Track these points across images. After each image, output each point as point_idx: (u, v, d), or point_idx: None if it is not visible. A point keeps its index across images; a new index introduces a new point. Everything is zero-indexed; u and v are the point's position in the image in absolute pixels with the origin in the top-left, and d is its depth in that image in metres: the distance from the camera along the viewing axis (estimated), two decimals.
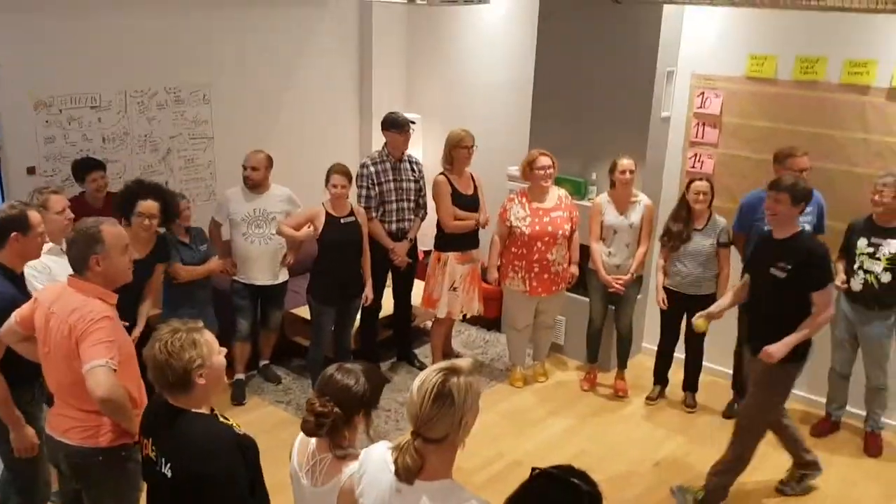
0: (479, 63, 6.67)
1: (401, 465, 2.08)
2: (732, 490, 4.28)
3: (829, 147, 5.04)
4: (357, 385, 2.41)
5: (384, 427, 4.95)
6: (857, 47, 4.88)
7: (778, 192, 3.90)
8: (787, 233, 3.95)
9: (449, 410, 2.05)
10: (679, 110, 5.67)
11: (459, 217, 5.37)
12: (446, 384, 2.05)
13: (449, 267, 5.43)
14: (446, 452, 2.11)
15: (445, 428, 2.06)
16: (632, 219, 5.26)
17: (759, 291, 4.10)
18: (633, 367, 5.80)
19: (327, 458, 2.41)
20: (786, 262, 3.88)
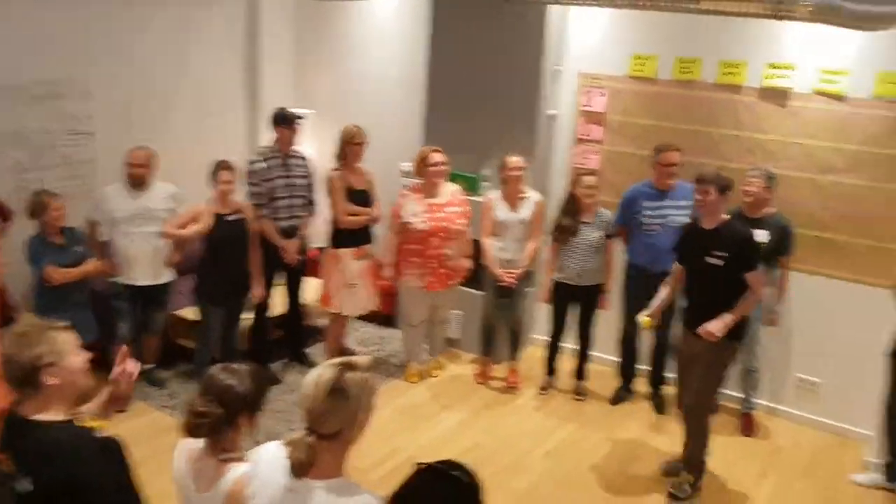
0: (371, 58, 6.63)
1: (293, 460, 2.04)
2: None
3: (706, 144, 5.29)
4: (240, 385, 2.35)
5: (276, 428, 4.83)
6: (729, 49, 5.15)
7: (706, 185, 4.14)
8: (716, 222, 4.19)
9: (343, 406, 2.03)
10: (566, 108, 5.82)
11: (352, 212, 5.33)
12: (341, 379, 2.03)
13: (344, 263, 5.39)
14: (340, 449, 2.09)
15: (339, 423, 2.04)
16: (522, 214, 5.36)
17: (696, 279, 4.31)
18: (525, 359, 5.92)
19: (211, 462, 2.35)
20: (721, 249, 4.12)
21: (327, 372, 2.05)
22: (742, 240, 4.17)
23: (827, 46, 4.82)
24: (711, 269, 4.16)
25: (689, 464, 4.48)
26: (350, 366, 2.08)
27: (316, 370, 2.09)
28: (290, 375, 5.64)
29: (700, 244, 4.24)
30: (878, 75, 4.70)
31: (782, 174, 4.98)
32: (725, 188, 4.16)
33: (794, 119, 5.01)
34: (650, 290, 5.21)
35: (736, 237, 4.16)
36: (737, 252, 4.12)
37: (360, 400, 2.05)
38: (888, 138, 4.73)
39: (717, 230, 4.19)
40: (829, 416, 5.15)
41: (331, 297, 5.47)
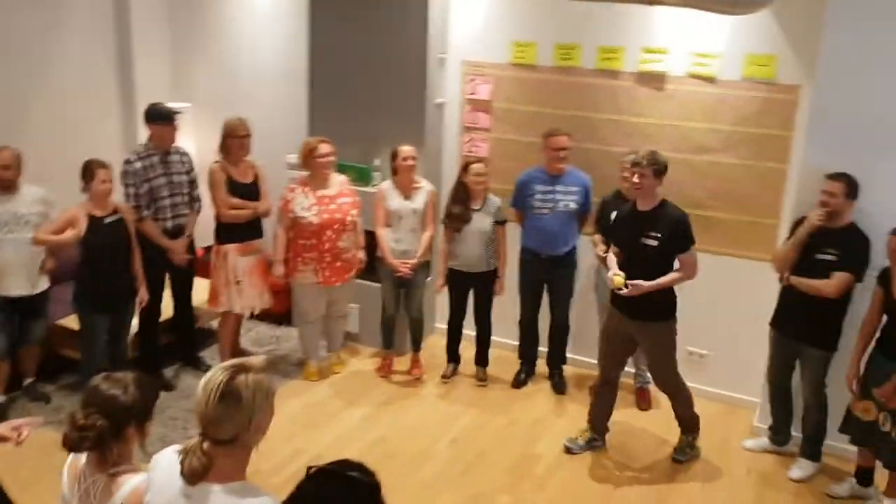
0: (251, 48, 6.44)
1: (186, 467, 1.97)
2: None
3: (588, 129, 5.42)
4: (125, 395, 2.25)
5: (171, 436, 4.66)
6: (607, 35, 5.28)
7: (642, 168, 4.22)
8: (652, 204, 4.31)
9: (236, 410, 1.96)
10: (452, 96, 5.84)
11: (236, 206, 5.18)
12: (233, 382, 1.96)
13: (230, 260, 5.23)
14: (238, 454, 2.02)
15: (234, 428, 1.97)
16: (416, 204, 5.35)
17: (631, 261, 4.38)
18: (427, 349, 5.92)
19: (100, 477, 2.23)
20: (656, 231, 4.24)
21: (218, 376, 1.98)
22: (676, 221, 4.29)
23: (698, 31, 5.03)
24: (646, 250, 4.30)
25: (685, 425, 4.73)
26: (243, 368, 2.01)
27: (207, 374, 2.01)
28: (183, 381, 5.44)
29: (636, 226, 4.35)
30: (747, 57, 4.94)
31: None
32: (662, 171, 4.28)
33: (670, 102, 5.20)
34: (543, 272, 5.36)
35: (671, 219, 4.28)
36: (671, 233, 4.26)
37: (255, 403, 1.98)
38: (758, 118, 4.99)
39: (654, 212, 4.32)
40: (718, 385, 5.41)
41: (218, 296, 5.31)
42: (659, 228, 4.27)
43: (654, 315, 4.41)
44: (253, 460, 2.08)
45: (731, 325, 5.29)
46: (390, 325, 5.68)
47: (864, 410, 4.19)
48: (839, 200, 4.27)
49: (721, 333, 5.35)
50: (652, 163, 4.24)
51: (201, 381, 2.00)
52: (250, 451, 2.05)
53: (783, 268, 4.50)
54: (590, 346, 5.65)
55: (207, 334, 6.02)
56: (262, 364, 2.06)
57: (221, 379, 1.96)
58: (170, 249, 5.16)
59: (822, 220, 4.30)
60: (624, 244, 4.48)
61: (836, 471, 4.67)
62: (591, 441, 4.82)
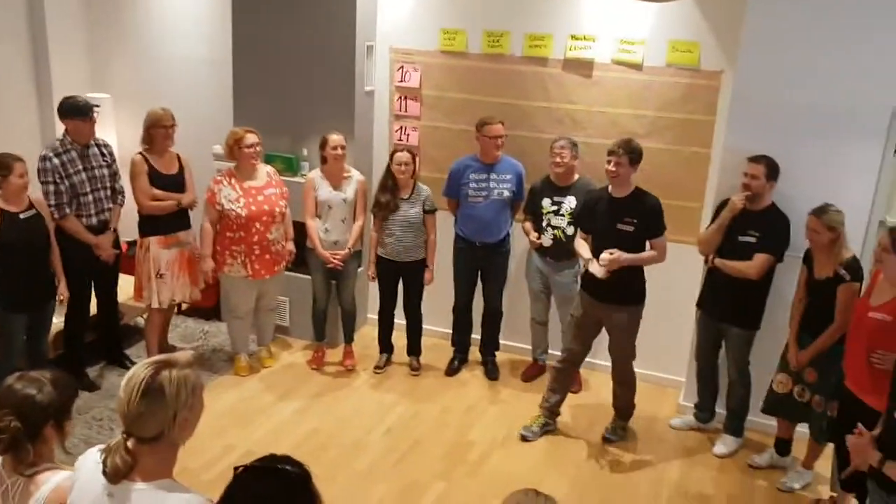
0: (173, 37, 6.26)
1: (110, 466, 1.91)
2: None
3: (518, 116, 5.44)
4: (41, 394, 2.18)
5: (97, 437, 4.53)
6: (535, 22, 5.31)
7: (618, 156, 4.29)
8: (626, 191, 4.41)
9: (160, 407, 1.91)
10: (382, 84, 5.79)
11: (157, 197, 5.04)
12: (156, 378, 1.91)
13: (153, 252, 5.09)
14: (163, 452, 1.97)
15: (158, 425, 1.92)
16: (346, 194, 5.29)
17: (604, 246, 4.43)
18: (360, 339, 5.89)
19: (19, 480, 2.15)
20: (631, 216, 4.36)
21: (141, 372, 1.93)
22: (651, 207, 4.41)
23: (624, 18, 5.09)
24: (621, 236, 4.39)
25: (623, 412, 4.89)
26: (167, 364, 1.96)
27: (130, 371, 1.96)
28: (108, 380, 5.28)
29: (611, 212, 4.42)
30: (670, 44, 5.03)
31: (589, 142, 5.24)
32: (637, 159, 4.36)
33: (598, 88, 5.26)
34: (478, 260, 5.38)
35: (646, 205, 4.40)
36: (646, 219, 4.37)
37: (179, 399, 1.93)
38: (682, 103, 5.09)
39: (627, 199, 4.41)
40: (646, 366, 5.49)
41: (141, 290, 5.17)
42: (634, 214, 4.37)
43: (625, 299, 4.51)
44: (182, 458, 2.04)
45: (656, 306, 5.36)
46: (322, 316, 5.61)
47: (780, 383, 4.36)
48: (761, 182, 4.39)
49: (647, 315, 5.42)
50: (628, 150, 4.33)
51: (124, 378, 1.95)
52: (177, 448, 2.01)
53: (708, 250, 4.61)
54: (522, 332, 5.72)
55: (134, 331, 5.86)
56: (188, 360, 2.01)
57: (144, 375, 1.92)
58: (96, 246, 4.99)
59: (743, 203, 4.42)
60: (596, 231, 4.55)
61: (757, 444, 4.83)
62: (544, 426, 4.88)
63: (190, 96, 6.15)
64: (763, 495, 4.44)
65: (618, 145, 4.37)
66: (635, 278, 4.51)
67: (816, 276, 4.20)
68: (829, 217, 4.07)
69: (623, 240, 4.39)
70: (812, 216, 4.13)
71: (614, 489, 4.44)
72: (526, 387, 5.51)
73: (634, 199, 4.43)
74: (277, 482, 1.80)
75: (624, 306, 4.53)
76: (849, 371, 3.92)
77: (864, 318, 3.74)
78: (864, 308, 3.78)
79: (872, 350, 3.67)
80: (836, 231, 4.07)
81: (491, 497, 4.23)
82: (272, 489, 1.79)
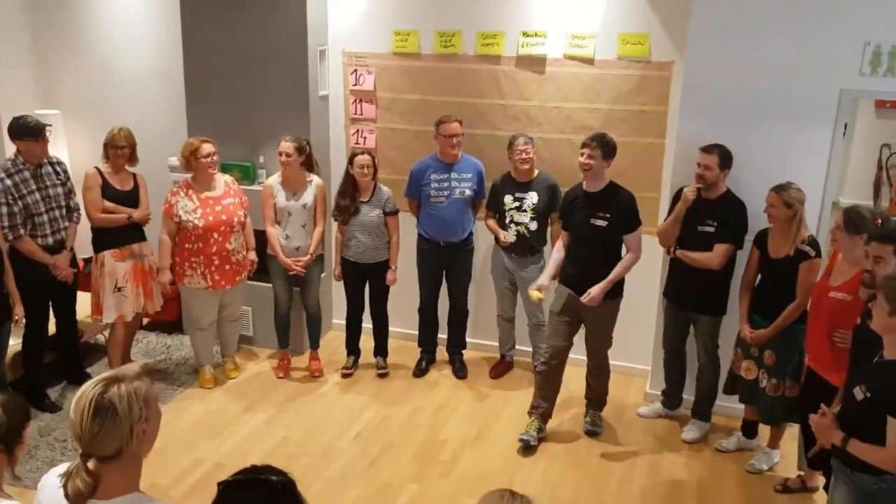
0: (122, 50, 6.17)
1: (71, 490, 1.87)
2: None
3: (474, 114, 5.45)
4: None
5: (61, 458, 4.44)
6: (486, 20, 5.32)
7: (591, 149, 4.28)
8: (600, 185, 4.42)
9: (113, 424, 1.86)
10: (336, 88, 5.76)
11: (108, 210, 4.99)
12: (105, 396, 1.86)
13: (108, 266, 5.01)
14: (126, 467, 1.92)
15: (115, 443, 1.87)
16: (305, 199, 5.26)
17: (580, 242, 4.50)
18: (326, 345, 5.86)
19: None
20: (604, 211, 4.37)
21: (90, 391, 1.88)
22: (625, 202, 4.41)
23: (574, 13, 5.13)
24: (596, 231, 4.41)
25: (598, 401, 4.92)
26: (115, 379, 1.91)
27: (79, 391, 1.91)
28: (70, 400, 5.13)
29: (585, 207, 4.44)
30: (620, 37, 5.08)
31: (546, 137, 5.28)
32: (611, 153, 4.36)
33: (551, 84, 5.29)
34: (442, 259, 5.38)
35: (619, 199, 4.41)
36: (620, 214, 4.38)
37: (133, 413, 1.88)
38: (634, 95, 5.14)
39: (601, 193, 4.42)
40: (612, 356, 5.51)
41: (101, 307, 5.10)
42: (608, 209, 4.38)
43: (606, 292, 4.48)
44: (150, 474, 2.01)
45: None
46: (285, 322, 5.57)
47: (746, 370, 4.42)
48: (714, 172, 4.44)
49: None
50: (601, 144, 4.32)
51: (73, 400, 1.90)
52: (141, 461, 1.97)
53: (668, 242, 4.66)
54: (488, 329, 5.73)
55: (94, 349, 5.76)
56: (137, 371, 1.96)
57: (93, 394, 1.87)
58: (53, 266, 4.89)
59: (695, 195, 4.47)
60: (573, 226, 4.56)
61: (724, 428, 4.90)
62: (539, 430, 4.76)
63: (142, 108, 6.07)
64: (733, 477, 4.50)
65: (591, 138, 4.39)
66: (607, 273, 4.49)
67: (773, 256, 4.26)
68: (787, 194, 4.13)
69: (597, 234, 4.42)
70: (772, 192, 4.18)
71: (586, 479, 4.47)
72: (495, 384, 5.52)
73: (608, 194, 4.44)
74: (263, 492, 1.78)
75: (604, 300, 4.50)
76: (811, 351, 4.01)
77: (825, 299, 3.82)
78: (823, 289, 3.86)
79: (834, 329, 3.75)
80: (792, 208, 4.13)
81: (464, 495, 4.24)
82: (259, 500, 1.77)
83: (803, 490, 4.32)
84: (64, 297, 5.17)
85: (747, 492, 4.38)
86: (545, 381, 4.76)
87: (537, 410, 4.77)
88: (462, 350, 5.69)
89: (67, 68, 6.36)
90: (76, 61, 6.31)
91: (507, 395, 5.34)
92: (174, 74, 5.84)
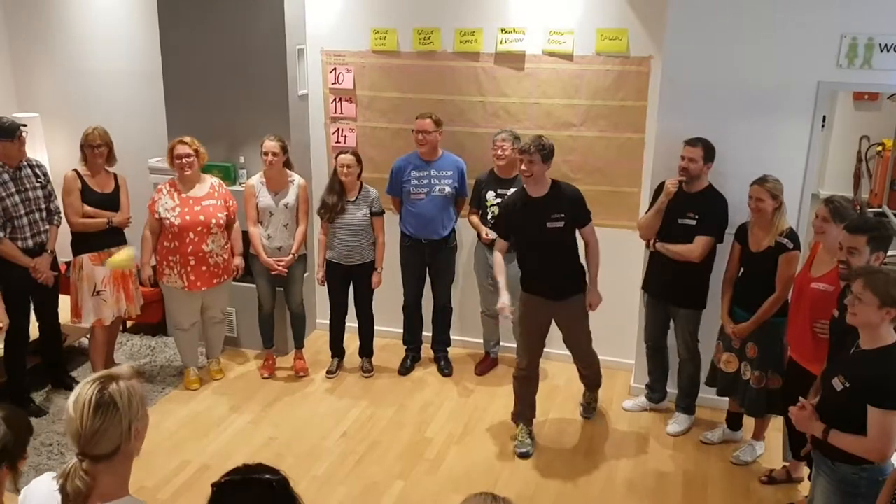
0: (100, 51, 6.14)
1: (71, 491, 1.86)
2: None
3: (454, 112, 5.46)
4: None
5: (47, 463, 4.42)
6: (465, 17, 5.32)
7: (530, 154, 4.23)
8: (545, 188, 4.35)
9: (114, 419, 1.88)
10: (315, 87, 5.75)
11: (88, 214, 4.96)
12: (105, 392, 1.87)
13: (86, 270, 4.99)
14: (119, 468, 1.94)
15: (114, 440, 1.88)
16: (287, 199, 5.25)
17: (535, 248, 4.42)
18: (310, 345, 5.86)
19: None
20: (558, 212, 4.32)
21: (87, 390, 1.89)
22: (574, 198, 4.40)
23: (552, 9, 5.14)
24: (552, 233, 4.34)
25: (593, 385, 4.97)
26: (111, 377, 1.92)
27: (75, 391, 1.91)
28: (55, 404, 5.15)
29: (536, 213, 4.34)
30: (599, 32, 5.09)
31: (525, 133, 5.25)
32: (549, 155, 4.29)
33: (530, 80, 5.30)
34: (425, 257, 5.38)
35: (569, 197, 4.38)
36: (572, 210, 4.36)
37: (132, 409, 1.91)
38: (613, 91, 5.16)
39: (550, 195, 4.36)
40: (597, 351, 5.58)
41: (79, 311, 5.07)
42: (562, 209, 4.34)
43: (572, 290, 4.52)
44: (137, 477, 2.02)
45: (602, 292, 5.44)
46: (269, 323, 5.56)
47: (726, 362, 4.46)
48: (698, 165, 4.46)
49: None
50: (539, 148, 4.25)
51: (70, 399, 1.90)
52: (131, 462, 1.98)
53: (648, 235, 4.68)
54: (472, 326, 5.74)
55: (78, 353, 5.74)
56: (130, 371, 1.98)
57: (92, 392, 1.88)
58: (33, 269, 4.86)
59: (676, 187, 4.50)
60: (523, 234, 4.45)
61: (708, 421, 4.93)
62: (530, 435, 4.72)
63: (122, 110, 6.04)
64: (718, 469, 4.53)
65: (529, 144, 4.27)
66: (574, 270, 4.53)
67: (753, 250, 4.29)
68: (771, 185, 4.16)
69: (555, 236, 4.37)
70: (756, 185, 4.20)
71: (572, 473, 4.49)
72: (480, 380, 5.54)
73: (556, 194, 4.38)
74: (260, 492, 1.79)
75: (572, 297, 4.52)
76: (793, 342, 4.04)
77: (806, 289, 3.85)
78: (805, 279, 3.89)
79: (815, 320, 3.78)
80: (778, 199, 4.16)
81: (450, 492, 4.26)
82: (255, 499, 1.78)
83: (788, 481, 4.35)
84: (46, 301, 5.14)
85: (732, 483, 4.41)
86: (523, 387, 4.71)
87: (521, 417, 4.73)
88: (447, 347, 5.71)
89: (45, 71, 6.32)
90: (54, 63, 6.27)
91: (492, 392, 5.35)
92: (153, 76, 5.81)
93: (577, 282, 4.55)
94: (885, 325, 2.88)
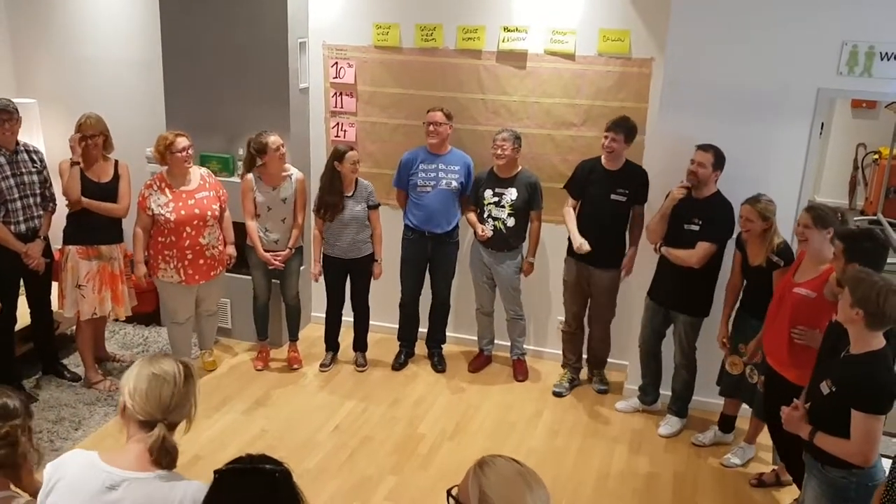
0: (101, 39, 6.10)
1: (170, 453, 2.06)
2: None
3: (455, 109, 5.42)
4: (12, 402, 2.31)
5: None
6: (467, 14, 5.32)
7: (616, 132, 4.76)
8: (619, 164, 4.89)
9: (192, 391, 2.12)
10: (316, 81, 5.74)
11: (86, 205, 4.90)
12: (187, 368, 2.12)
13: (70, 262, 4.96)
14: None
15: (188, 410, 2.12)
16: (285, 193, 5.23)
17: (595, 216, 4.93)
18: (305, 338, 5.85)
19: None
20: (623, 188, 4.86)
21: (168, 364, 2.09)
22: (640, 177, 4.88)
23: (556, 8, 5.14)
24: (613, 205, 4.88)
25: (601, 362, 5.41)
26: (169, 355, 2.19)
27: (148, 369, 2.08)
28: (46, 391, 5.13)
29: (606, 183, 4.88)
30: (601, 33, 5.10)
31: (525, 132, 5.28)
32: (631, 135, 4.77)
33: (532, 79, 5.30)
34: (427, 250, 5.37)
35: (636, 176, 4.88)
36: (636, 189, 4.86)
37: (198, 385, 2.18)
38: (615, 92, 5.16)
39: (621, 171, 4.87)
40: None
41: (63, 299, 5.05)
42: (627, 186, 4.87)
43: (610, 262, 5.01)
44: None
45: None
46: (264, 315, 5.55)
47: (731, 365, 4.46)
48: (707, 171, 4.46)
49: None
50: (624, 129, 4.74)
51: (141, 376, 2.07)
52: None
53: (654, 239, 4.70)
54: (467, 323, 5.75)
55: (70, 340, 5.70)
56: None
57: (175, 365, 2.09)
58: (25, 254, 4.83)
59: (682, 194, 4.51)
60: (590, 200, 4.99)
61: (700, 423, 4.95)
62: (572, 381, 5.37)
63: (120, 99, 6.01)
64: (708, 472, 4.55)
65: (615, 123, 4.76)
66: (616, 244, 4.99)
67: (751, 264, 4.30)
68: (763, 206, 4.15)
69: (614, 208, 4.88)
70: (746, 205, 4.19)
71: (563, 472, 4.50)
72: (473, 377, 5.54)
73: (627, 172, 4.87)
74: (262, 482, 1.79)
75: (607, 269, 5.00)
76: (768, 347, 4.03)
77: (788, 294, 3.86)
78: (788, 284, 3.91)
79: (794, 325, 3.79)
80: (769, 221, 4.16)
81: (442, 488, 4.21)
82: (257, 488, 1.78)
83: (778, 484, 4.37)
84: (37, 288, 5.11)
85: (723, 485, 4.43)
86: (570, 340, 5.35)
87: (569, 361, 5.38)
88: (441, 344, 5.71)
89: (44, 57, 6.28)
90: (53, 50, 6.24)
91: (485, 389, 5.36)
92: (152, 65, 5.79)
93: (616, 257, 5.02)
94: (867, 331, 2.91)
